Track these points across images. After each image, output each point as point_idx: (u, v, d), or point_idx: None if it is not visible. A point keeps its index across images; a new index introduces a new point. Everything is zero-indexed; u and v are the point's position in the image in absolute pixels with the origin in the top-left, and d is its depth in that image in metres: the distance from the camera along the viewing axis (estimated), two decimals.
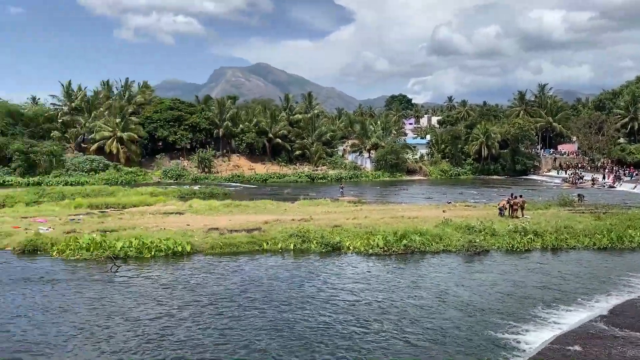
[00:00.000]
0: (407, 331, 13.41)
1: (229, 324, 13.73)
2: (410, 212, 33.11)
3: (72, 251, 21.71)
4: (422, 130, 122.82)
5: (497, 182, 73.03)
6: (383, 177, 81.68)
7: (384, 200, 48.56)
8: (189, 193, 50.92)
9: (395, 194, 56.99)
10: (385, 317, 14.42)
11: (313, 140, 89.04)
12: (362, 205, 40.15)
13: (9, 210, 36.62)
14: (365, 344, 12.49)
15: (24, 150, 70.21)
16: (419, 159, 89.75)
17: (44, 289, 16.99)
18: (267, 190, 62.00)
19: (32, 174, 69.69)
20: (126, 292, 16.68)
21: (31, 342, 12.38)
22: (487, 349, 12.38)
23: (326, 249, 22.92)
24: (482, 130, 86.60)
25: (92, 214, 34.65)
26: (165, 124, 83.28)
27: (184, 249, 22.23)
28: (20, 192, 47.67)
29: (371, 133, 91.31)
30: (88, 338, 12.76)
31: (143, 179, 74.08)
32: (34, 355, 11.64)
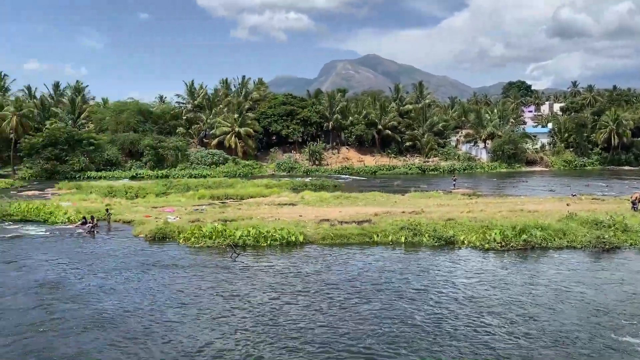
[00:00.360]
0: (521, 329, 12.64)
1: (337, 313, 13.88)
2: (530, 206, 31.23)
3: (196, 239, 23.25)
4: (543, 118, 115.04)
5: (630, 174, 66.46)
6: (500, 169, 78.02)
7: (501, 192, 46.32)
8: (300, 185, 52.34)
9: (513, 186, 54.14)
10: (499, 314, 13.72)
11: (424, 130, 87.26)
12: (477, 198, 38.64)
13: (142, 200, 40.15)
14: (476, 340, 11.97)
15: (153, 145, 76.61)
16: (540, 148, 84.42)
17: (172, 272, 18.38)
18: (377, 182, 61.87)
19: (160, 167, 75.82)
20: (244, 277, 17.53)
21: (159, 321, 13.45)
22: (610, 353, 11.29)
23: (439, 243, 22.34)
24: (612, 116, 79.26)
25: (213, 204, 36.92)
26: (279, 118, 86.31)
27: (297, 239, 22.87)
28: (151, 184, 52.01)
29: (487, 122, 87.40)
30: (207, 318, 13.59)
31: (258, 172, 77.47)
32: (160, 333, 12.62)
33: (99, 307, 14.78)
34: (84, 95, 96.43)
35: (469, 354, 11.35)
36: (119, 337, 12.54)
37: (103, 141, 78.04)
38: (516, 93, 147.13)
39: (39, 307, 14.84)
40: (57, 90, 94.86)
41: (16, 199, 38.57)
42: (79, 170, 71.42)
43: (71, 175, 69.77)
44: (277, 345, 11.90)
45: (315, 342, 12.05)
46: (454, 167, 77.91)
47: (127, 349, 11.82)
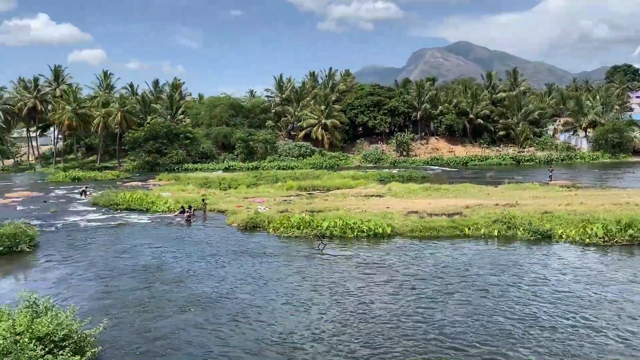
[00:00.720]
0: (616, 331, 11.68)
1: (423, 305, 13.61)
2: (638, 198, 28.82)
3: (285, 229, 23.83)
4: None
5: None
6: (602, 159, 72.77)
7: (603, 184, 43.14)
8: (387, 176, 51.91)
9: (617, 178, 50.23)
10: (593, 314, 12.79)
11: (519, 119, 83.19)
12: (576, 190, 36.28)
13: (234, 191, 41.79)
14: (565, 341, 11.22)
15: (244, 138, 79.40)
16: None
17: (262, 260, 18.99)
18: (468, 173, 59.94)
19: (251, 159, 78.47)
20: (331, 267, 17.72)
21: (249, 306, 13.94)
22: None
23: (534, 237, 21.25)
24: None
25: (301, 195, 37.63)
26: (365, 109, 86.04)
27: (385, 231, 22.72)
28: (242, 175, 53.95)
29: (588, 109, 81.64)
30: (294, 305, 13.88)
31: (345, 163, 77.81)
32: (250, 317, 13.08)
33: (195, 290, 15.63)
34: (181, 92, 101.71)
35: (557, 355, 10.71)
36: (212, 319, 13.18)
37: (198, 135, 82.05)
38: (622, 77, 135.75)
39: (142, 288, 15.99)
40: (157, 87, 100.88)
41: (121, 189, 41.67)
42: (177, 163, 75.63)
43: (170, 167, 74.07)
44: (361, 334, 11.93)
45: (399, 333, 11.93)
46: (551, 158, 73.67)
47: (219, 331, 12.39)
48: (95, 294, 15.46)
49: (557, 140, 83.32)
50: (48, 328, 9.87)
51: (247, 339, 11.95)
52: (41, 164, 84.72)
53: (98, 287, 16.22)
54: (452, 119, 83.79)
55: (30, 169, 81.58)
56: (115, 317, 13.19)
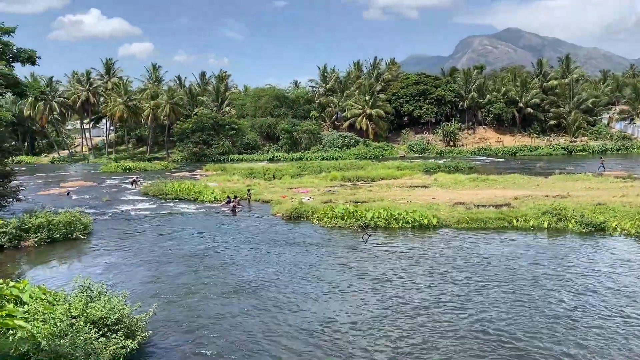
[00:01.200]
0: None
1: (465, 296, 13.35)
2: None
3: (329, 219, 23.88)
4: None
5: None
6: None
7: None
8: (433, 167, 51.15)
9: None
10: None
11: (571, 108, 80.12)
12: (632, 181, 34.69)
13: (278, 182, 42.17)
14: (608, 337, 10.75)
15: (288, 129, 79.90)
16: None
17: (306, 250, 19.10)
18: (517, 163, 58.30)
19: (295, 150, 78.91)
20: (375, 258, 17.63)
21: (292, 293, 14.07)
22: None
23: (587, 230, 20.48)
24: None
25: (345, 186, 37.59)
26: (411, 98, 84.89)
27: (430, 222, 22.41)
28: (286, 166, 54.35)
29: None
30: (337, 294, 13.91)
31: (389, 154, 77.14)
32: (294, 304, 13.19)
33: (240, 276, 15.95)
34: (227, 83, 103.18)
35: (598, 352, 10.29)
36: (256, 304, 13.43)
37: (243, 126, 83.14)
38: None
39: (189, 273, 16.47)
40: (203, 79, 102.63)
41: (170, 179, 42.78)
42: (223, 154, 76.95)
43: (216, 158, 75.46)
44: (401, 325, 11.88)
45: (439, 325, 11.78)
46: (605, 148, 70.77)
47: (262, 316, 12.62)
48: (145, 280, 15.97)
49: (612, 130, 79.89)
50: (101, 312, 10.26)
51: (290, 324, 12.13)
52: (94, 154, 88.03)
53: (147, 273, 16.76)
54: (500, 107, 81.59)
55: (84, 159, 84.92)
56: (164, 302, 13.59)
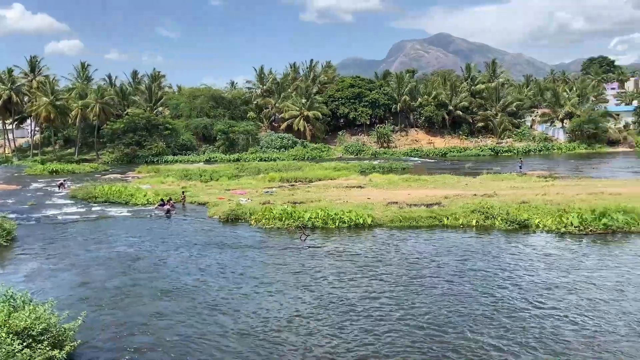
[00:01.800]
0: (587, 317, 12.03)
1: (397, 293, 13.83)
2: (612, 188, 29.48)
3: (267, 220, 23.86)
4: (627, 95, 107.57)
5: None
6: (578, 149, 74.07)
7: (579, 174, 43.95)
8: (368, 167, 52.21)
9: (593, 168, 51.24)
10: (565, 301, 13.13)
11: (497, 111, 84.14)
12: (553, 180, 36.94)
13: (215, 183, 41.63)
14: (533, 327, 11.52)
15: (225, 130, 78.98)
16: (623, 128, 79.13)
17: (243, 251, 19.01)
18: (447, 164, 60.55)
19: (232, 151, 78.12)
20: (313, 258, 17.82)
21: (229, 295, 14.00)
22: None
23: (512, 227, 21.63)
24: None
25: (283, 187, 37.66)
26: (347, 101, 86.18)
27: (365, 222, 22.91)
28: (223, 167, 53.76)
29: (564, 101, 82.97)
30: (274, 295, 13.97)
31: (326, 155, 77.94)
32: (230, 305, 13.14)
33: (173, 280, 15.72)
34: (160, 83, 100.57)
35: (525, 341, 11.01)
36: (190, 307, 13.30)
37: (178, 126, 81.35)
38: (597, 69, 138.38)
39: (120, 277, 16.08)
40: (135, 79, 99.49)
41: (100, 182, 41.18)
42: (157, 155, 74.97)
43: (149, 159, 73.38)
44: (335, 322, 12.14)
45: (372, 321, 12.16)
46: (528, 149, 74.90)
47: (196, 319, 12.52)
48: (74, 287, 15.36)
49: (535, 131, 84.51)
50: (26, 322, 9.78)
51: (225, 325, 12.12)
52: (18, 156, 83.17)
53: (76, 279, 16.12)
54: (431, 110, 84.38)
55: (7, 161, 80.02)
56: (94, 308, 13.16)
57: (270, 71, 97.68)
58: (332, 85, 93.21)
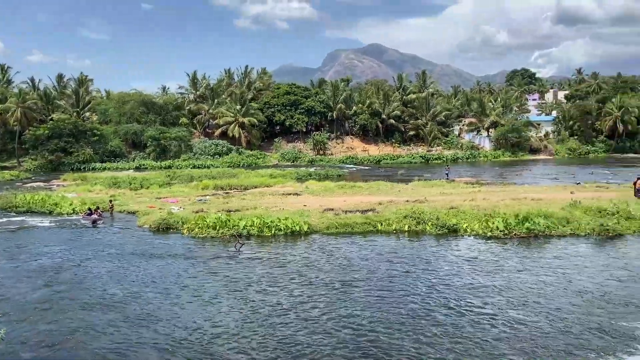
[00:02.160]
0: (519, 316, 12.75)
1: (330, 298, 14.00)
2: (534, 194, 31.22)
3: (200, 229, 23.39)
4: (547, 106, 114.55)
5: (635, 161, 66.21)
6: (503, 157, 77.80)
7: (504, 181, 46.19)
8: (305, 175, 52.40)
9: (516, 175, 54.04)
10: (492, 302, 13.84)
11: (427, 120, 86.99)
12: (480, 187, 38.61)
13: (146, 191, 40.33)
14: (463, 327, 12.07)
15: (156, 136, 76.73)
16: (544, 136, 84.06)
17: (174, 261, 18.53)
18: (381, 171, 61.88)
19: (164, 158, 76.01)
20: (247, 267, 17.66)
21: (158, 307, 13.61)
22: (620, 341, 11.38)
23: (442, 231, 22.41)
24: (617, 104, 78.76)
25: (217, 194, 37.06)
26: (283, 108, 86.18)
27: (302, 229, 22.98)
28: (154, 174, 52.18)
29: (490, 111, 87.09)
30: (205, 305, 13.74)
31: (262, 162, 77.53)
32: (159, 317, 12.79)
33: (100, 291, 15.16)
34: (88, 87, 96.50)
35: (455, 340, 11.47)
36: (118, 319, 12.92)
37: (107, 132, 78.27)
38: (520, 81, 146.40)
39: (43, 290, 15.31)
40: (61, 82, 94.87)
41: (21, 190, 38.83)
42: (84, 162, 71.74)
43: (76, 166, 70.06)
44: (270, 326, 12.17)
45: (305, 327, 12.25)
46: (456, 156, 77.96)
47: (125, 330, 12.17)
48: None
49: (462, 140, 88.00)
50: None
51: (154, 338, 11.84)
52: None
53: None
54: (365, 119, 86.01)
55: None
56: (15, 324, 12.39)
57: (204, 76, 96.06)
58: (268, 92, 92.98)
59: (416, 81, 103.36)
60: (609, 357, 10.71)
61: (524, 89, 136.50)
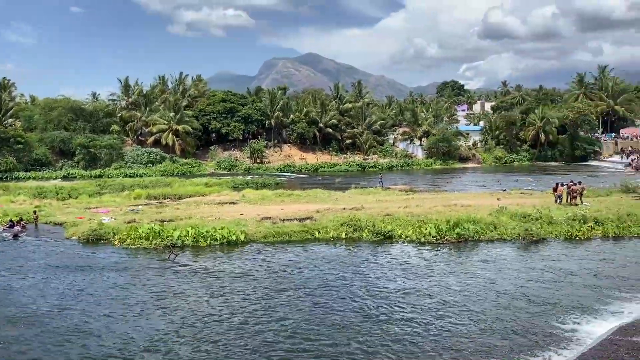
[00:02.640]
0: (445, 318, 13.32)
1: (264, 307, 14.02)
2: (464, 200, 32.50)
3: (132, 240, 22.65)
4: (475, 116, 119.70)
5: (555, 169, 70.43)
6: (435, 165, 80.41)
7: (436, 188, 47.86)
8: (242, 183, 51.92)
9: (447, 182, 56.04)
10: (423, 304, 14.38)
11: (363, 129, 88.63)
12: (413, 194, 39.75)
13: (74, 201, 38.57)
14: (395, 330, 12.45)
15: (85, 144, 73.56)
16: (472, 146, 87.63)
17: (105, 274, 17.84)
18: (318, 179, 62.36)
19: (94, 166, 72.98)
20: (181, 278, 17.29)
21: (87, 321, 13.08)
22: (541, 339, 12.07)
23: (378, 238, 22.88)
24: (539, 115, 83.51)
25: (150, 204, 36.01)
26: (218, 116, 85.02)
27: (238, 238, 22.75)
28: (84, 184, 50.06)
29: (422, 121, 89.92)
30: (136, 318, 13.35)
31: (198, 170, 76.10)
32: (89, 331, 12.30)
33: (26, 305, 14.45)
34: (11, 92, 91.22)
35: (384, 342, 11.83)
36: (43, 333, 12.38)
37: (32, 140, 74.19)
38: (450, 92, 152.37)
39: None
40: None
41: None
42: (6, 171, 67.71)
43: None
44: (204, 337, 12.12)
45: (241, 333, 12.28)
46: (391, 165, 79.88)
47: (52, 344, 11.70)
48: None
49: (397, 149, 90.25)
50: None
51: (81, 352, 11.46)
52: None
53: None
54: (303, 127, 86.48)
55: None
56: None
57: (136, 83, 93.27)
58: (203, 99, 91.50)
59: (352, 91, 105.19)
60: (529, 355, 11.33)
61: (453, 100, 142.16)
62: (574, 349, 11.55)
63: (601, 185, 41.74)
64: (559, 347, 11.69)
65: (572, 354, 11.34)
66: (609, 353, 11.11)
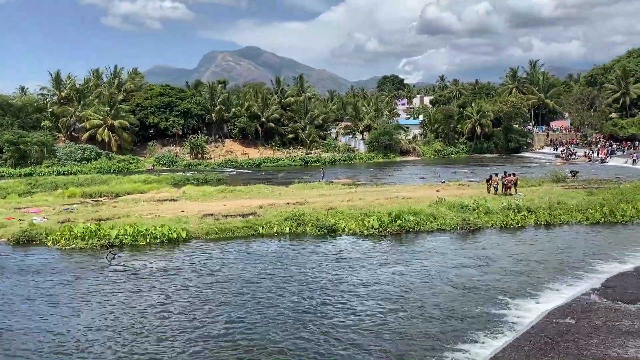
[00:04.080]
0: (384, 308, 13.64)
1: (202, 306, 13.84)
2: (405, 193, 33.23)
3: (67, 240, 21.67)
4: (415, 110, 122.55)
5: (491, 161, 73.27)
6: (377, 159, 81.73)
7: (378, 181, 48.68)
8: (182, 179, 50.83)
9: (389, 175, 57.11)
10: (363, 295, 14.66)
11: (306, 123, 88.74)
12: (356, 187, 40.23)
13: (2, 201, 36.42)
14: (338, 321, 12.63)
15: (13, 141, 69.60)
16: (412, 139, 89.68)
17: (38, 277, 16.99)
18: (261, 174, 61.95)
19: (23, 164, 69.25)
20: (119, 278, 16.71)
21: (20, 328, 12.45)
22: (478, 323, 12.54)
23: (321, 232, 23.00)
24: (475, 108, 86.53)
25: (85, 203, 34.55)
26: (156, 110, 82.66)
27: (179, 236, 22.24)
28: (13, 182, 47.46)
29: (363, 115, 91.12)
30: (74, 322, 12.84)
31: (135, 167, 73.81)
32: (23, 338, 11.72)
33: None
34: None
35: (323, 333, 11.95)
36: None
37: None
38: (390, 87, 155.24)
39: None
40: None
41: None
42: None
43: None
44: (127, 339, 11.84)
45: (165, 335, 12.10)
46: (334, 159, 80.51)
47: None
48: None
49: (339, 143, 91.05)
50: None
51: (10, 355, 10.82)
52: None
53: None
54: (244, 122, 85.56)
55: None
56: None
57: (69, 76, 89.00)
58: (140, 93, 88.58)
59: (294, 85, 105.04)
60: (465, 340, 11.75)
61: (393, 94, 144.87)
62: (507, 334, 12.07)
63: (533, 175, 43.80)
64: (494, 331, 12.20)
65: (507, 337, 11.84)
66: (542, 335, 11.69)
